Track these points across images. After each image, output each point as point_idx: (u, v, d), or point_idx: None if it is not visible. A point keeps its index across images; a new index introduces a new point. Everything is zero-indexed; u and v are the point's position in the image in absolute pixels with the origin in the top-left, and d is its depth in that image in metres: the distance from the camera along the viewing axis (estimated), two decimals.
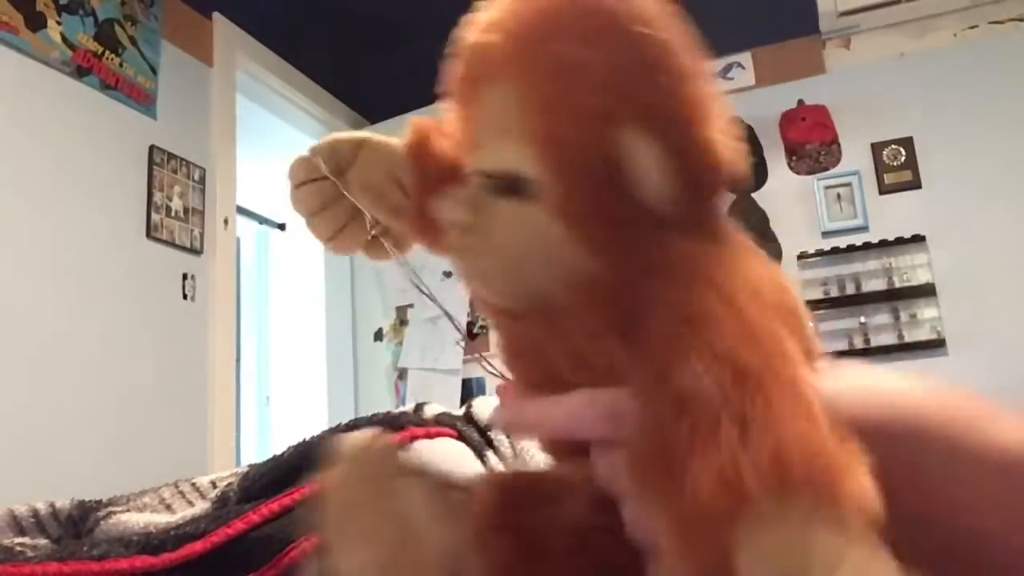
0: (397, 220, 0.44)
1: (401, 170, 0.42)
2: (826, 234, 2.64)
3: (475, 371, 2.75)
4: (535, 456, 0.62)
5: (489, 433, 0.63)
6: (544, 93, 0.30)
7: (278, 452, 0.61)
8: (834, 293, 2.58)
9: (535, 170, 0.30)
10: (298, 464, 0.57)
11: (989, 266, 2.48)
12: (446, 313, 0.51)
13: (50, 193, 1.86)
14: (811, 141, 2.68)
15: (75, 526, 0.54)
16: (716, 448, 0.24)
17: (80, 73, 1.95)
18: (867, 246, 2.57)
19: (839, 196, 2.67)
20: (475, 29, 0.34)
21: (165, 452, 2.07)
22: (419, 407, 0.65)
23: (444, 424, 0.62)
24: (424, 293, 0.45)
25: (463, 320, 2.76)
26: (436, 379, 2.79)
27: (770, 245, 2.66)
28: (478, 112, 0.33)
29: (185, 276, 2.21)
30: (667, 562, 0.25)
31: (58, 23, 1.90)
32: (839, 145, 2.69)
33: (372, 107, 3.22)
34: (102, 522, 0.53)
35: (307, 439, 0.60)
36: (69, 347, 1.85)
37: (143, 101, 2.14)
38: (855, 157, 2.67)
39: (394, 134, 0.44)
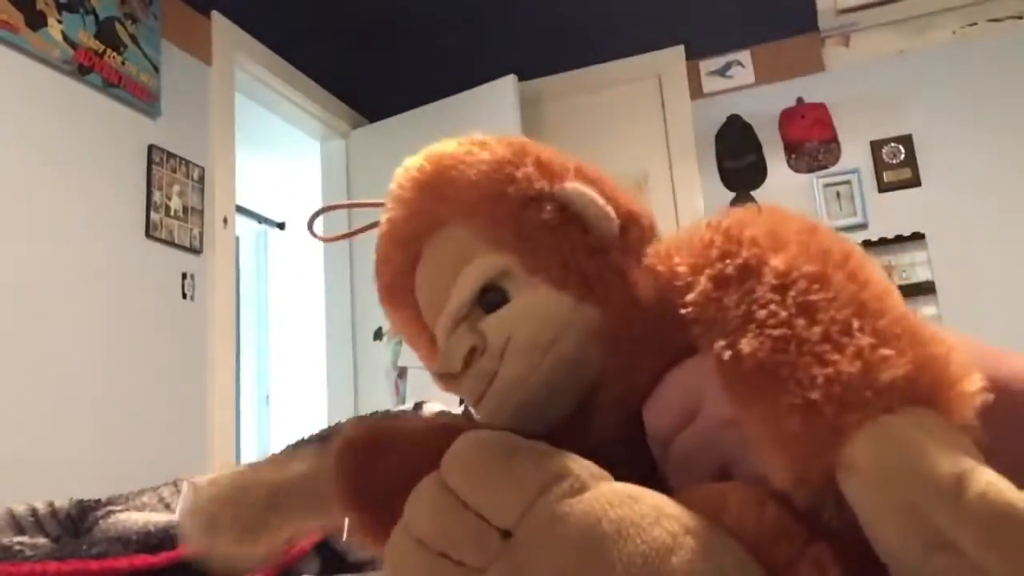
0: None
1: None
2: None
3: None
4: None
5: None
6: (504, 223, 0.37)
7: (276, 451, 0.61)
8: None
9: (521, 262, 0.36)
10: None
11: (988, 263, 2.48)
12: None
13: (49, 193, 1.86)
14: (810, 139, 2.68)
15: (74, 525, 0.54)
16: (836, 361, 0.25)
17: (82, 71, 1.95)
18: (866, 244, 2.57)
19: (838, 194, 2.67)
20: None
21: (165, 451, 2.07)
22: (418, 406, 0.65)
23: None
24: None
25: None
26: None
27: None
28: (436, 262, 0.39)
29: (184, 275, 2.21)
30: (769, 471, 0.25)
31: (59, 21, 1.90)
32: (838, 143, 2.69)
33: (371, 106, 3.21)
34: (101, 521, 0.53)
35: (306, 437, 0.60)
36: (69, 347, 1.85)
37: (146, 99, 2.14)
38: (854, 155, 2.67)
39: (393, 134, 0.45)
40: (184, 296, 2.21)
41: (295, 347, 4.35)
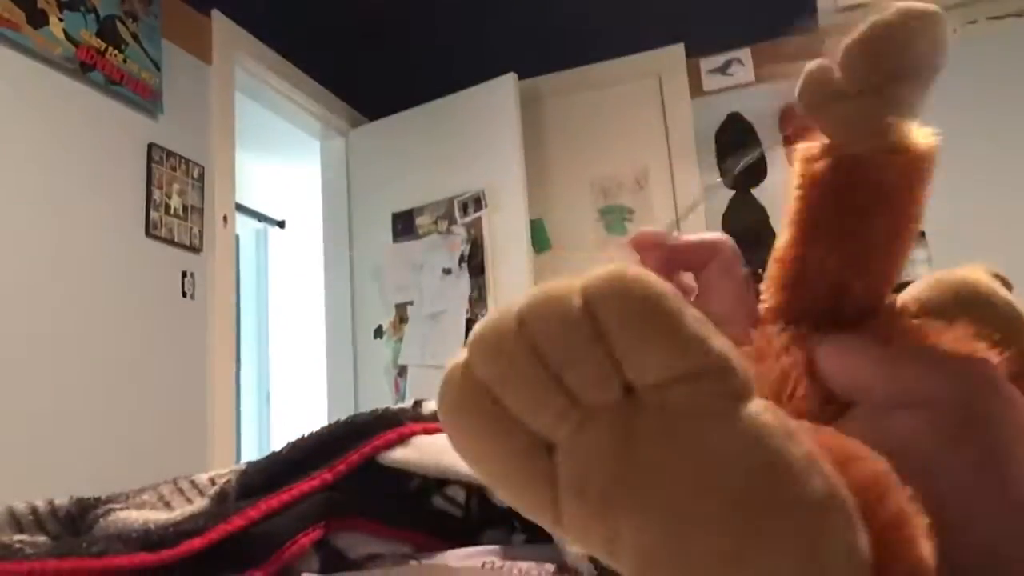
0: None
1: None
2: None
3: None
4: None
5: None
6: None
7: (277, 449, 0.61)
8: None
9: None
10: (297, 461, 0.58)
11: (989, 262, 2.47)
12: None
13: (49, 191, 1.86)
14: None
15: (74, 523, 0.54)
16: None
17: (84, 69, 1.95)
18: None
19: None
20: None
21: (165, 449, 2.07)
22: (418, 403, 0.65)
23: None
24: None
25: (463, 316, 2.76)
26: (435, 376, 2.77)
27: (769, 242, 2.66)
28: None
29: (184, 274, 2.21)
30: None
31: (60, 20, 1.90)
32: None
33: (371, 104, 3.21)
34: (101, 519, 0.53)
35: (305, 435, 0.60)
36: (69, 345, 1.86)
37: (147, 97, 2.14)
38: None
39: (393, 132, 0.43)
40: (184, 294, 2.21)
41: (295, 345, 4.35)
